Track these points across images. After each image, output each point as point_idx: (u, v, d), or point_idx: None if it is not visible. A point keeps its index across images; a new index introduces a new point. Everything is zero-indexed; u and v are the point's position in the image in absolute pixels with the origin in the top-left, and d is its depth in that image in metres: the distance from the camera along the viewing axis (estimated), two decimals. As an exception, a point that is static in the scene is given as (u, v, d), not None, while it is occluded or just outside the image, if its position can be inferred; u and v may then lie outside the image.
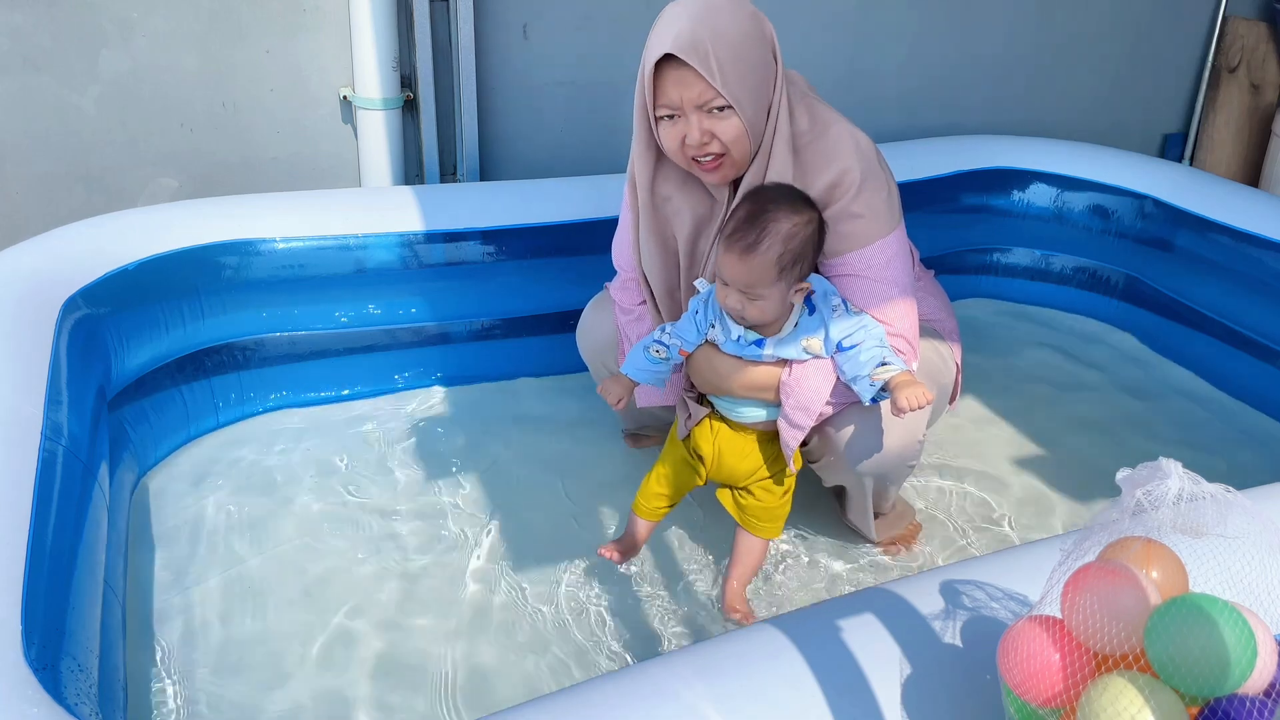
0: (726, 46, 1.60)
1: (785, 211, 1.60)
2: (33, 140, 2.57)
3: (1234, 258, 2.70)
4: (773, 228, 1.58)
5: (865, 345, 1.65)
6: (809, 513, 2.08)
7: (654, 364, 1.78)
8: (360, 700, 1.64)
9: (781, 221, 1.59)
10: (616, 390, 1.81)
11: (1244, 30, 3.69)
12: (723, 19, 1.61)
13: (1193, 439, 2.52)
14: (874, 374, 1.64)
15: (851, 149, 1.71)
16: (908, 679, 1.16)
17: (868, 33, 3.24)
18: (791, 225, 1.59)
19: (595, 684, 1.16)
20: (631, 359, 1.81)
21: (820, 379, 1.69)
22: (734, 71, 1.61)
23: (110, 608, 1.56)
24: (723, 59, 1.60)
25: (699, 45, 1.59)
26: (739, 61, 1.61)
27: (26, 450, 1.53)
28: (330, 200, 2.44)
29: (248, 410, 2.38)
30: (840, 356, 1.68)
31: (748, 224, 1.59)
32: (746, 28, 1.63)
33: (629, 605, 1.86)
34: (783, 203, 1.61)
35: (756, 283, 1.60)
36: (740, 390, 1.74)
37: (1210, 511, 0.98)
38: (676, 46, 1.59)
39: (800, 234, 1.60)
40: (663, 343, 1.77)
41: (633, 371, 1.80)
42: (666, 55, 1.60)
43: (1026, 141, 3.15)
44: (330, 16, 2.71)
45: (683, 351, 1.77)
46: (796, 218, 1.60)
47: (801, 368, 1.69)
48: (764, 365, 1.71)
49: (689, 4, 1.63)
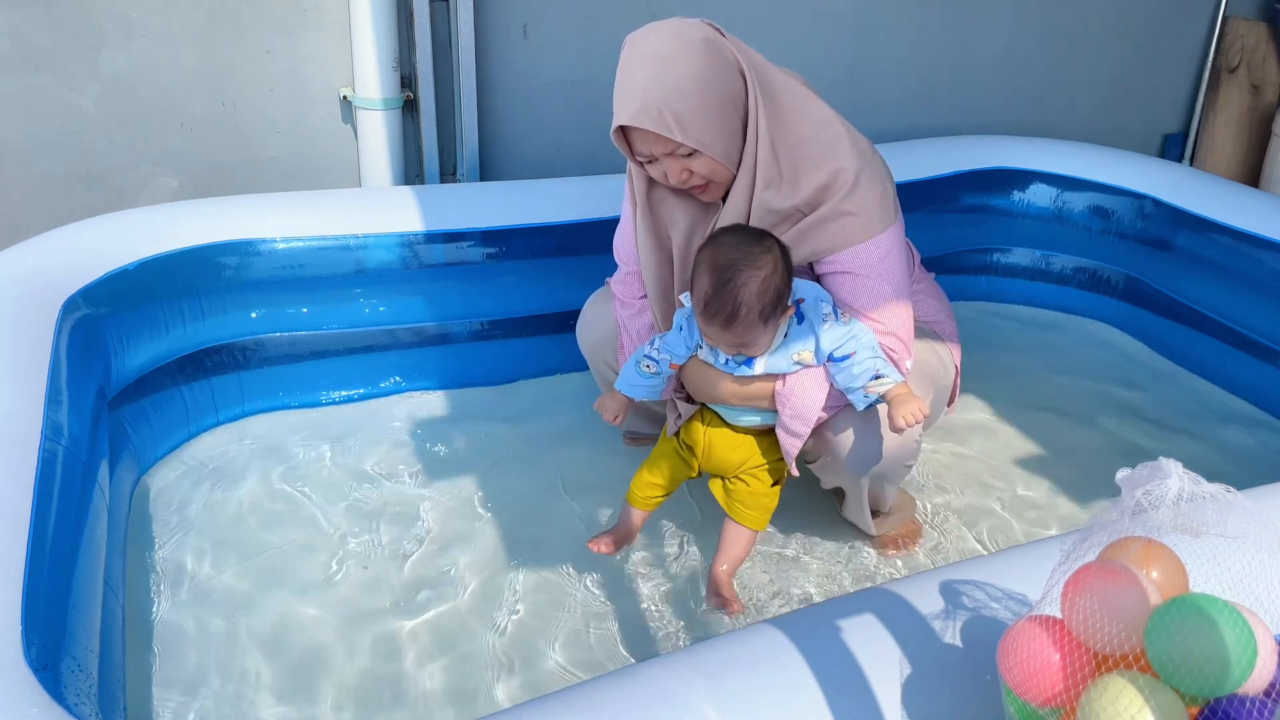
0: (682, 98, 1.60)
1: (748, 270, 1.57)
2: (33, 140, 2.57)
3: (1234, 258, 2.70)
4: (744, 293, 1.56)
5: (858, 357, 1.65)
6: (809, 513, 2.08)
7: (646, 378, 1.79)
8: (359, 700, 1.64)
9: (749, 283, 1.56)
10: (613, 407, 1.83)
11: (1244, 30, 3.69)
12: (675, 70, 1.60)
13: (1193, 439, 2.51)
14: (868, 387, 1.65)
15: (847, 148, 1.71)
16: (908, 679, 1.16)
17: (868, 33, 3.24)
18: (760, 282, 1.57)
19: (595, 684, 1.16)
20: (625, 375, 1.82)
21: (815, 387, 1.69)
22: (695, 121, 1.61)
23: (110, 608, 1.56)
24: (680, 112, 1.59)
25: (650, 109, 1.59)
26: (700, 109, 1.61)
27: (26, 450, 1.53)
28: (330, 200, 2.44)
29: (248, 410, 2.38)
30: (833, 367, 1.68)
31: (717, 295, 1.57)
32: (699, 69, 1.61)
33: (629, 605, 1.86)
34: (743, 261, 1.57)
35: (747, 340, 1.62)
36: (734, 400, 1.75)
37: (1210, 511, 0.98)
38: (632, 119, 1.61)
39: (772, 284, 1.58)
40: (652, 357, 1.77)
41: (626, 388, 1.81)
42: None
43: (1026, 141, 3.15)
44: (330, 16, 2.71)
45: (673, 365, 1.77)
46: (761, 272, 1.57)
47: (796, 378, 1.69)
48: (757, 380, 1.71)
49: (641, 57, 1.63)
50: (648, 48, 1.63)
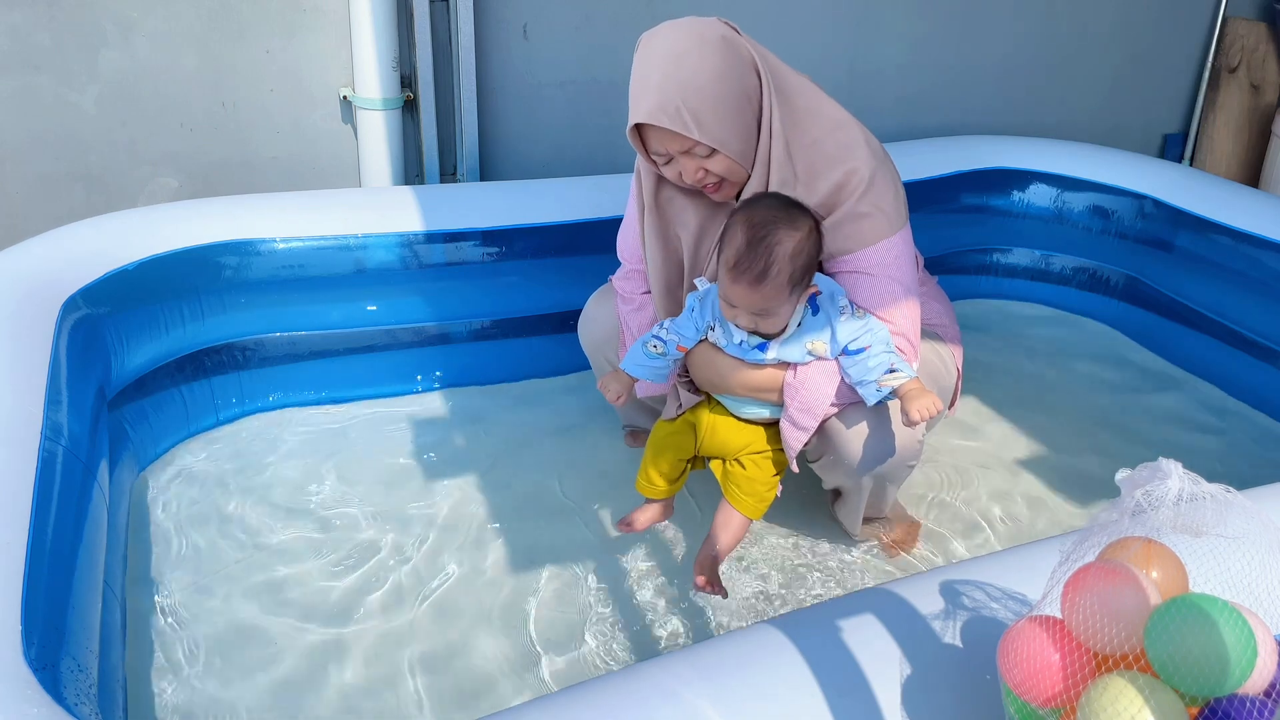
0: (698, 95, 1.59)
1: (785, 229, 1.56)
2: (33, 140, 2.57)
3: (1234, 258, 2.70)
4: (778, 251, 1.54)
5: (873, 350, 1.64)
6: (808, 513, 2.08)
7: (652, 359, 1.77)
8: (359, 699, 1.64)
9: (785, 241, 1.55)
10: (616, 387, 1.80)
11: (1244, 30, 3.69)
12: (690, 65, 1.60)
13: (1192, 439, 2.52)
14: (881, 380, 1.64)
15: (862, 149, 1.71)
16: (908, 679, 1.16)
17: (869, 34, 3.24)
18: (795, 243, 1.56)
19: (595, 684, 1.16)
20: (631, 355, 1.80)
21: (825, 381, 1.69)
22: (711, 117, 1.60)
23: (110, 608, 1.56)
24: (697, 109, 1.59)
25: (668, 106, 1.59)
26: (716, 105, 1.61)
27: (26, 450, 1.54)
28: (330, 200, 2.44)
29: (247, 410, 2.38)
30: (846, 360, 1.67)
31: (750, 251, 1.55)
32: (716, 66, 1.61)
33: (629, 605, 1.86)
34: (781, 220, 1.57)
35: (770, 307, 1.59)
36: (742, 390, 1.74)
37: (1210, 511, 0.98)
38: (649, 116, 1.60)
39: (805, 249, 1.57)
40: (660, 338, 1.76)
41: (632, 368, 1.79)
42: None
43: (1026, 142, 3.15)
44: (330, 16, 2.71)
45: (681, 348, 1.76)
46: (797, 234, 1.57)
47: (806, 370, 1.69)
48: (767, 367, 1.71)
49: (657, 55, 1.63)
50: (664, 45, 1.63)
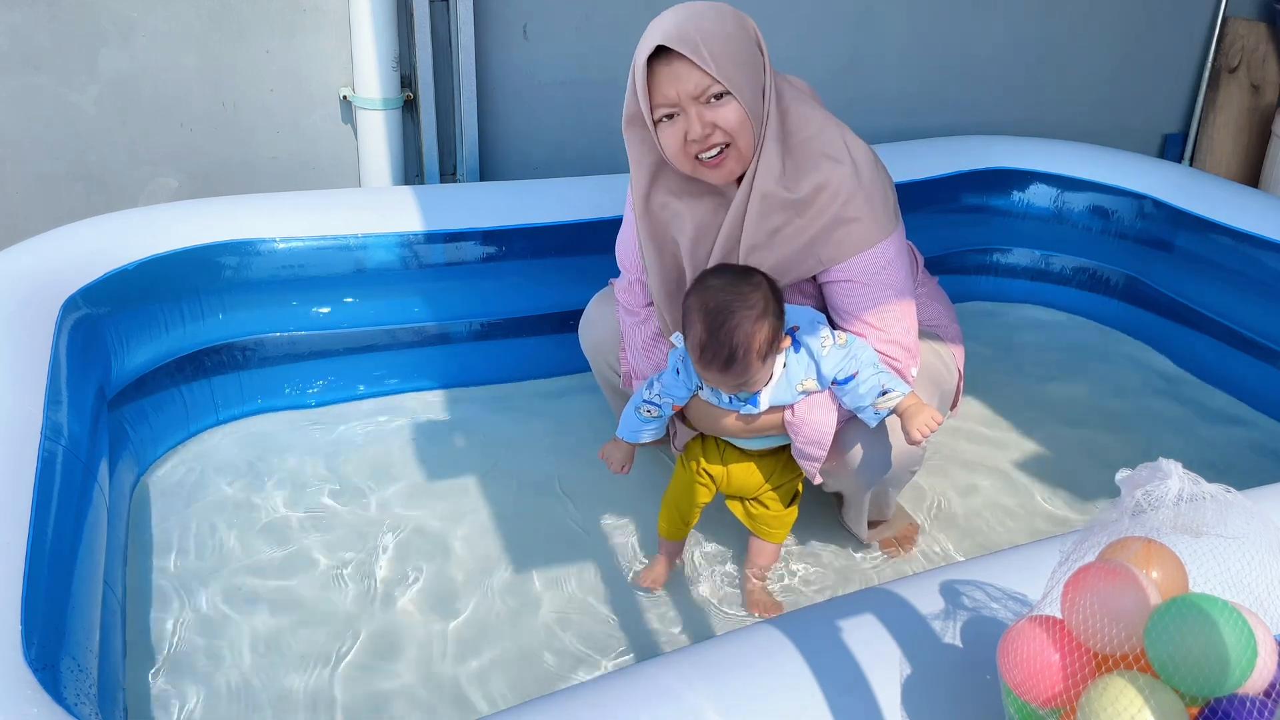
0: (715, 39, 1.61)
1: (740, 311, 1.56)
2: (33, 140, 2.57)
3: (1234, 258, 2.70)
4: (739, 334, 1.55)
5: (861, 376, 1.64)
6: (808, 514, 2.08)
7: (649, 423, 1.78)
8: (358, 698, 1.64)
9: (743, 324, 1.55)
10: (619, 457, 1.82)
11: (1244, 30, 3.69)
12: (708, 19, 1.62)
13: (1192, 439, 2.51)
14: (877, 404, 1.65)
15: (843, 153, 1.70)
16: (908, 679, 1.16)
17: (867, 32, 3.24)
18: (753, 320, 1.56)
19: (595, 684, 1.16)
20: (626, 423, 1.80)
21: (825, 413, 1.69)
22: (726, 57, 1.60)
23: (110, 607, 1.56)
24: (714, 48, 1.60)
25: (688, 38, 1.59)
26: (729, 50, 1.61)
27: (26, 450, 1.54)
28: (330, 200, 2.44)
29: (247, 410, 2.38)
30: (838, 390, 1.68)
31: (712, 339, 1.56)
32: (730, 26, 1.64)
33: (629, 605, 1.86)
34: (734, 302, 1.56)
35: (746, 382, 1.61)
36: (744, 434, 1.76)
37: (1210, 511, 0.98)
38: (666, 39, 1.60)
39: (765, 321, 1.57)
40: (653, 402, 1.75)
41: (630, 435, 1.80)
42: (658, 52, 1.61)
43: (1026, 141, 3.15)
44: (330, 16, 2.71)
45: (676, 407, 1.77)
46: (753, 311, 1.56)
47: (804, 407, 1.69)
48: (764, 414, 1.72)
49: (672, 10, 1.65)
50: (677, 8, 1.65)
